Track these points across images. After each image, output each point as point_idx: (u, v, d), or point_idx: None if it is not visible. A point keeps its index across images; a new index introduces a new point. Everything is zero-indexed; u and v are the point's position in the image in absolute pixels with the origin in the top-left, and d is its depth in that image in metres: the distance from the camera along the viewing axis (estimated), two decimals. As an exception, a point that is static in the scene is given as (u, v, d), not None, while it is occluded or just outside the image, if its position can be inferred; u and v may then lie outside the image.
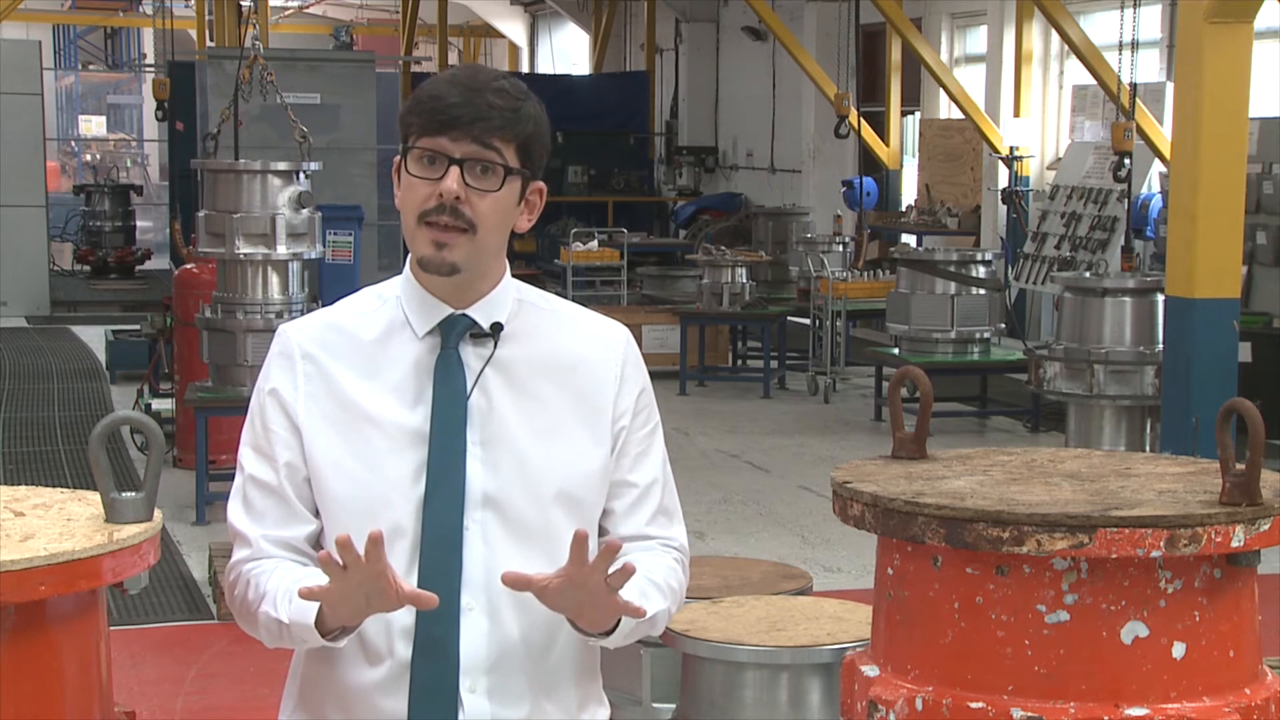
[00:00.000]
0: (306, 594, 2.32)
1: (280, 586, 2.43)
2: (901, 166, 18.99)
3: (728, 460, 10.97)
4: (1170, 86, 12.09)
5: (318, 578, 2.39)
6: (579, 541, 2.31)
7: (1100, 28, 14.96)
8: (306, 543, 2.50)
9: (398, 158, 2.50)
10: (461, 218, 2.43)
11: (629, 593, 2.40)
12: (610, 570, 2.32)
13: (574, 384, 2.54)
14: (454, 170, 2.42)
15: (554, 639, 2.51)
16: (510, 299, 2.55)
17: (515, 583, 2.34)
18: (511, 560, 2.46)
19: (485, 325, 2.52)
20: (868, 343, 14.31)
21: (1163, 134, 12.06)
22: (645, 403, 2.59)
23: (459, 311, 2.52)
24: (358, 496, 2.45)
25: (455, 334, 2.51)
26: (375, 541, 2.26)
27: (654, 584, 2.52)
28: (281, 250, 8.73)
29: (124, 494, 2.51)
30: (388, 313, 2.54)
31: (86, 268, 22.16)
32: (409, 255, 2.56)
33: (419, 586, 2.43)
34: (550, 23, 30.99)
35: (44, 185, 18.94)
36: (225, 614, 7.07)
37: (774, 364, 13.84)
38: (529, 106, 2.47)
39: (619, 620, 2.43)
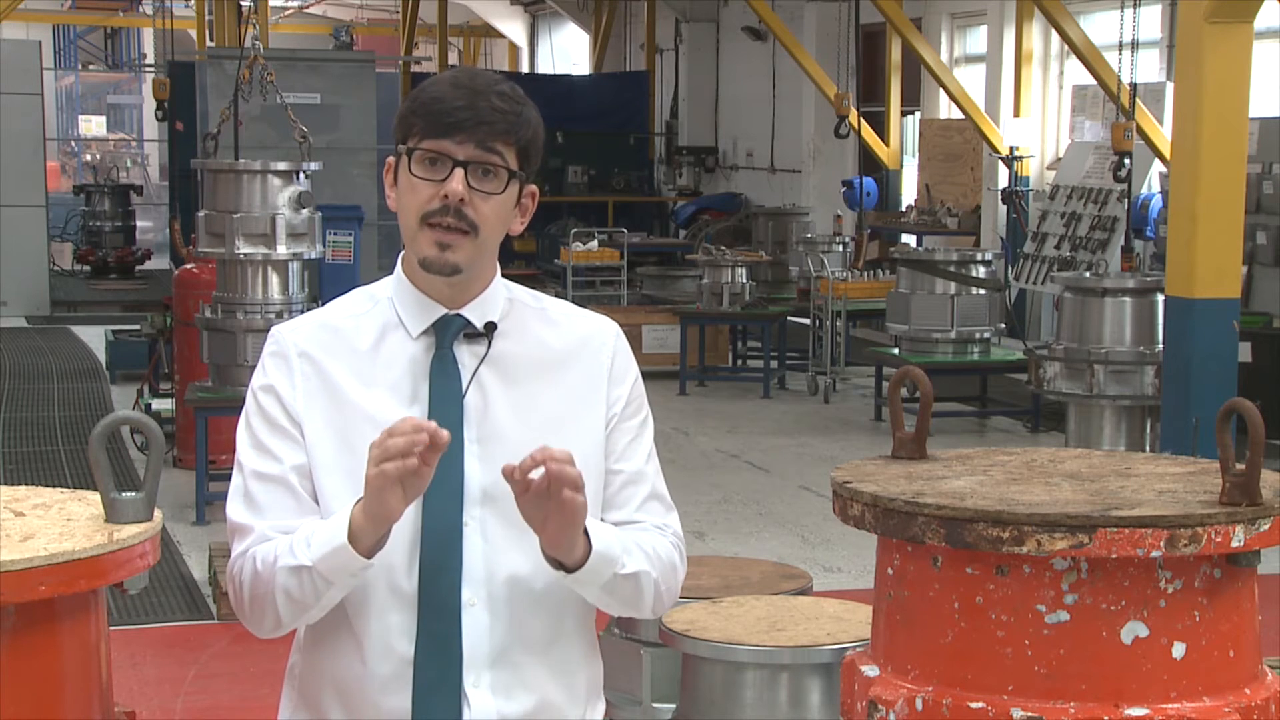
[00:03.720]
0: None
1: (294, 540, 2.42)
2: (901, 166, 18.99)
3: (728, 460, 10.97)
4: (1170, 86, 12.09)
5: (326, 522, 2.41)
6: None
7: (1100, 28, 14.96)
8: None
9: (391, 158, 2.52)
10: (465, 219, 2.45)
11: (609, 538, 2.44)
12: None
13: (566, 380, 2.57)
14: (458, 172, 2.44)
15: (557, 632, 2.52)
16: (501, 298, 2.58)
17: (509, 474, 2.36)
18: (511, 555, 2.49)
19: (479, 324, 2.54)
20: (868, 343, 14.32)
21: (1163, 134, 12.06)
22: (635, 395, 2.62)
23: (453, 311, 2.53)
24: (357, 495, 2.45)
25: (450, 334, 2.53)
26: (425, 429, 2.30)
27: (640, 547, 2.52)
28: (281, 250, 8.73)
29: (124, 494, 2.51)
30: (381, 313, 2.56)
31: (86, 268, 22.17)
32: (400, 255, 2.57)
33: (420, 583, 2.46)
34: (550, 23, 30.99)
35: (44, 185, 18.94)
36: (225, 614, 7.07)
37: (774, 364, 13.84)
38: (529, 111, 2.50)
39: (589, 556, 2.43)
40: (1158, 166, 13.00)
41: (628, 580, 2.49)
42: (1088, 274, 10.07)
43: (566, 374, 2.57)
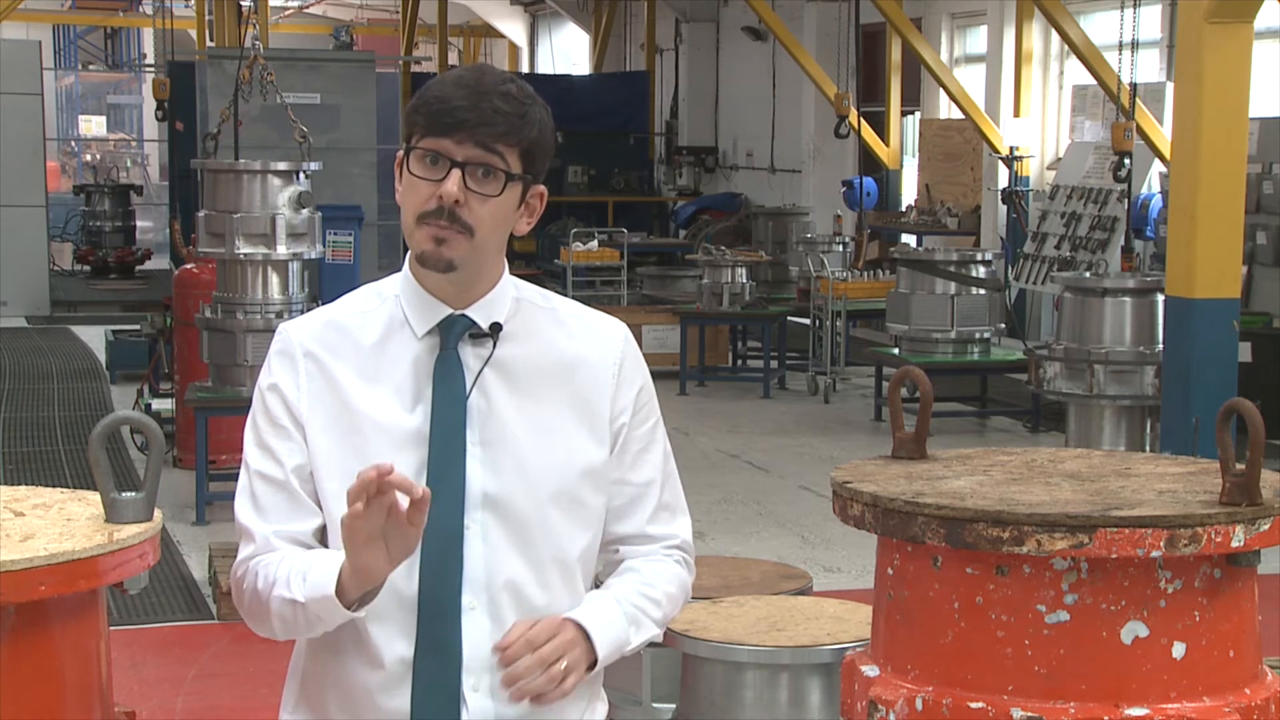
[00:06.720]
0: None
1: (293, 569, 2.42)
2: (901, 166, 18.99)
3: (728, 460, 10.97)
4: (1170, 86, 12.09)
5: (327, 559, 2.40)
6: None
7: (1100, 28, 14.96)
8: (313, 537, 2.50)
9: (400, 153, 2.51)
10: (459, 221, 2.43)
11: (610, 632, 2.50)
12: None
13: (573, 383, 2.55)
14: (455, 173, 2.42)
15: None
16: (509, 298, 2.55)
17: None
18: (512, 559, 2.48)
19: (484, 325, 2.52)
20: (868, 343, 14.31)
21: (1163, 134, 12.06)
22: (645, 400, 2.60)
23: (458, 312, 2.52)
24: (358, 496, 2.45)
25: (454, 334, 2.51)
26: (384, 474, 2.26)
27: (651, 600, 2.58)
28: (281, 250, 8.73)
29: (124, 494, 2.51)
30: (387, 311, 2.55)
31: (86, 268, 22.16)
32: (408, 253, 2.56)
33: (420, 586, 2.46)
34: (550, 23, 30.99)
35: (44, 185, 18.94)
36: (225, 614, 7.07)
37: (774, 364, 13.84)
38: (534, 111, 2.47)
39: (595, 663, 2.50)
40: (1158, 166, 13.00)
41: (639, 644, 2.58)
42: (1088, 274, 10.07)
43: (573, 378, 2.55)
